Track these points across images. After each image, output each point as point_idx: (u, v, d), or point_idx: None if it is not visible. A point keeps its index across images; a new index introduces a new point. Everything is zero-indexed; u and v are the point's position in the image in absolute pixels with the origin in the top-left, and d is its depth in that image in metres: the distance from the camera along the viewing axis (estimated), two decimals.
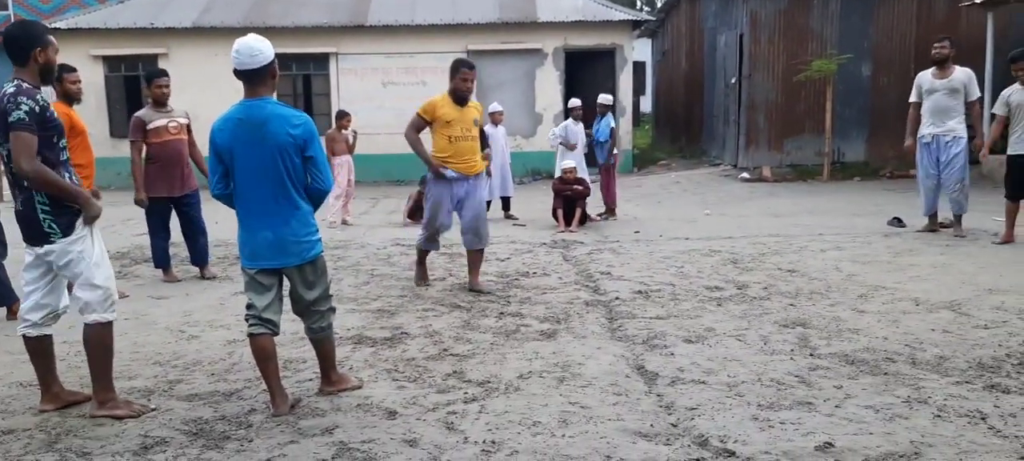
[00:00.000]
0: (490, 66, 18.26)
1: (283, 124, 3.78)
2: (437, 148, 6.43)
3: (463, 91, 6.30)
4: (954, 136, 8.39)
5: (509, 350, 4.84)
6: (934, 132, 8.48)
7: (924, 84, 8.58)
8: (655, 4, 37.10)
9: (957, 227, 8.62)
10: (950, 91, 8.35)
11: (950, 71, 8.40)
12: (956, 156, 8.39)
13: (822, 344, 4.81)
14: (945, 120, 8.41)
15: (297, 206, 3.87)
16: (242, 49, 3.78)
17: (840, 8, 16.48)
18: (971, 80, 8.36)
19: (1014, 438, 3.38)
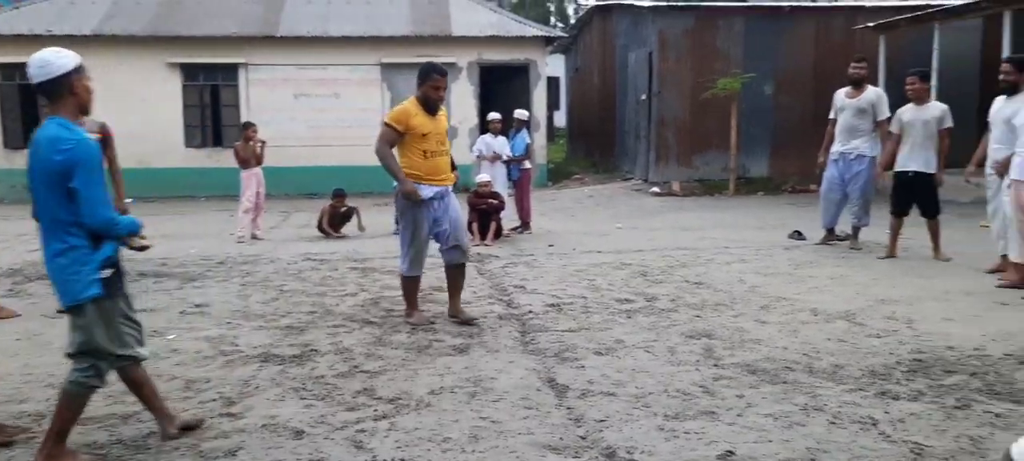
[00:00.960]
0: (405, 80, 18.18)
1: (49, 149, 3.31)
2: (410, 165, 5.73)
3: (435, 100, 5.77)
4: (858, 154, 8.73)
5: (421, 366, 4.81)
6: (841, 149, 8.83)
7: (837, 102, 8.97)
8: (568, 20, 37.66)
9: (853, 240, 8.98)
10: (858, 111, 8.71)
11: (861, 91, 8.78)
12: (859, 173, 8.72)
13: (726, 354, 4.95)
14: (851, 138, 8.76)
15: (64, 241, 3.35)
16: (33, 61, 3.40)
17: (744, 29, 17.08)
18: (880, 100, 8.71)
19: (902, 443, 3.55)
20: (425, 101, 5.76)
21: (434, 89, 5.73)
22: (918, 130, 8.07)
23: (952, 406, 3.98)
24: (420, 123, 5.69)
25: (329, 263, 8.70)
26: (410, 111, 5.73)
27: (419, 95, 5.78)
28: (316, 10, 18.78)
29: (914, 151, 8.13)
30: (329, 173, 16.98)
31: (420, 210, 5.75)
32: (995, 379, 4.39)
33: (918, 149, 8.10)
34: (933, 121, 8.02)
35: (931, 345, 5.08)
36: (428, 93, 5.74)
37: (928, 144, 8.05)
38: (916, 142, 8.11)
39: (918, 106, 8.11)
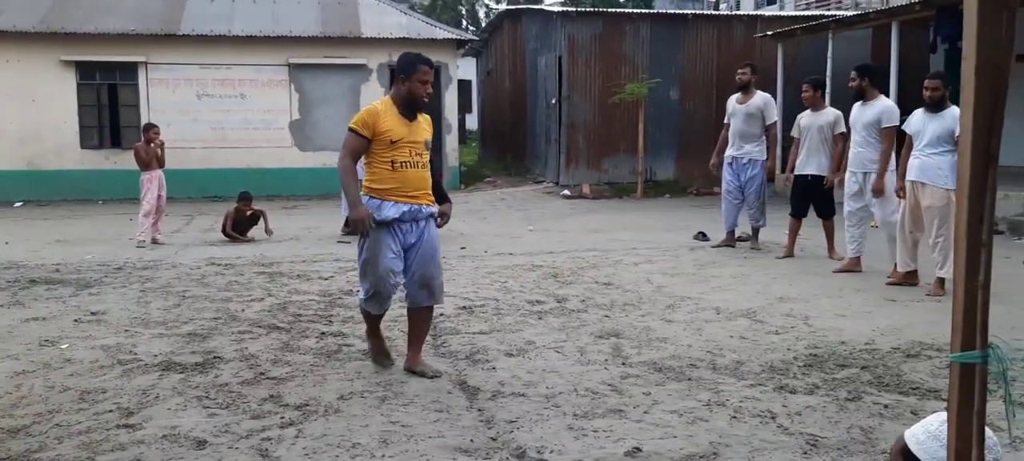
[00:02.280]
0: (313, 81, 17.88)
1: None
2: (374, 178, 4.56)
3: (418, 98, 4.55)
4: (750, 158, 9.05)
5: (330, 371, 4.74)
6: (734, 154, 9.12)
7: (729, 108, 9.25)
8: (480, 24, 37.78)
9: (753, 241, 9.31)
10: (747, 115, 9.01)
11: (750, 96, 9.07)
12: (752, 177, 9.05)
13: (634, 353, 5.05)
14: (743, 143, 9.06)
15: None
16: None
17: (650, 35, 17.48)
18: (768, 105, 9.05)
19: (799, 434, 3.70)
20: (406, 100, 4.55)
21: (422, 84, 4.52)
22: (814, 135, 8.42)
23: (845, 398, 4.17)
24: (390, 127, 4.48)
25: (235, 268, 8.47)
26: (379, 112, 4.52)
27: (397, 93, 4.59)
28: (220, 8, 18.25)
29: (810, 155, 8.47)
30: (234, 176, 16.54)
31: (380, 233, 4.52)
32: (884, 372, 4.62)
33: (814, 153, 8.44)
34: (827, 126, 8.37)
35: (826, 340, 5.31)
36: (413, 90, 4.52)
37: (823, 148, 8.41)
38: (812, 146, 8.45)
39: (813, 112, 8.47)
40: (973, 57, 1.30)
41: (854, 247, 7.75)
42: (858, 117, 7.55)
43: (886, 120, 7.37)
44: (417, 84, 4.52)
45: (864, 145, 7.48)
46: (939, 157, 6.57)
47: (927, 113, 6.74)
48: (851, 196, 7.66)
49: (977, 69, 1.29)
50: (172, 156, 12.61)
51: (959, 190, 1.39)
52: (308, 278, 7.84)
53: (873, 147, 7.43)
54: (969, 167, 1.34)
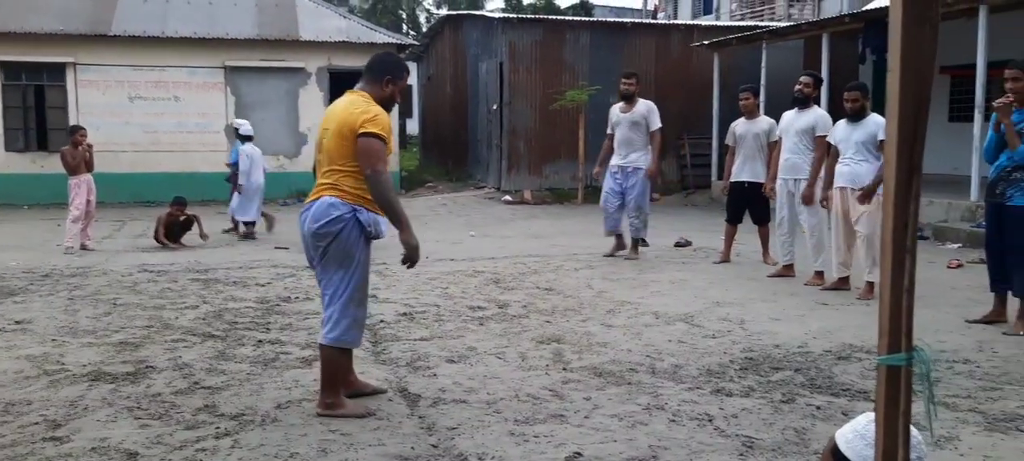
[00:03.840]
0: (250, 84, 17.60)
1: None
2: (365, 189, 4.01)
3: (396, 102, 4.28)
4: (634, 166, 8.91)
5: (267, 379, 4.66)
6: (619, 163, 8.99)
7: (613, 118, 9.11)
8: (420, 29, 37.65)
9: (632, 251, 9.13)
10: (632, 124, 8.88)
11: (634, 105, 8.99)
12: (634, 185, 8.89)
13: (574, 358, 5.09)
14: (629, 151, 8.93)
15: None
16: None
17: (590, 42, 17.66)
18: (652, 112, 8.97)
19: (735, 436, 3.78)
20: (388, 104, 4.14)
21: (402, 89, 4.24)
22: (749, 142, 8.58)
23: (779, 400, 4.26)
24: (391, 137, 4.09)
25: (168, 274, 8.27)
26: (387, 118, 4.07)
27: (380, 95, 4.11)
28: (153, 9, 17.82)
29: (746, 162, 8.62)
30: (167, 180, 16.16)
31: (369, 252, 4.11)
32: (816, 374, 4.74)
33: (750, 160, 8.60)
34: (762, 134, 8.55)
35: (761, 344, 5.43)
36: (395, 95, 4.19)
37: (758, 156, 8.58)
38: (747, 154, 8.60)
39: (748, 120, 8.63)
40: (897, 69, 1.35)
41: (786, 254, 7.93)
42: (791, 124, 7.70)
43: (821, 128, 7.53)
44: (400, 90, 4.21)
45: (795, 152, 7.64)
46: (865, 164, 6.78)
47: (849, 123, 6.92)
48: (781, 204, 7.84)
49: (901, 80, 1.34)
50: (102, 159, 12.26)
51: (885, 197, 1.43)
52: (244, 284, 7.70)
53: (804, 155, 7.60)
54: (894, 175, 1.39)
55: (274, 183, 17.32)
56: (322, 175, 4.06)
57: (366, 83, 4.13)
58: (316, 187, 4.08)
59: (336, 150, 3.96)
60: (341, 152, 3.94)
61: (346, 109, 4.00)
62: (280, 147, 17.83)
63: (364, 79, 4.16)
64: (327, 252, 3.96)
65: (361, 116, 3.91)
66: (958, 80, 15.04)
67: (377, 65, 4.18)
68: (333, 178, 3.97)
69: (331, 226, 3.92)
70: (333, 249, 3.95)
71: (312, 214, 3.99)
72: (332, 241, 3.93)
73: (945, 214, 11.26)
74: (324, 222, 3.92)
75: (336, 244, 3.94)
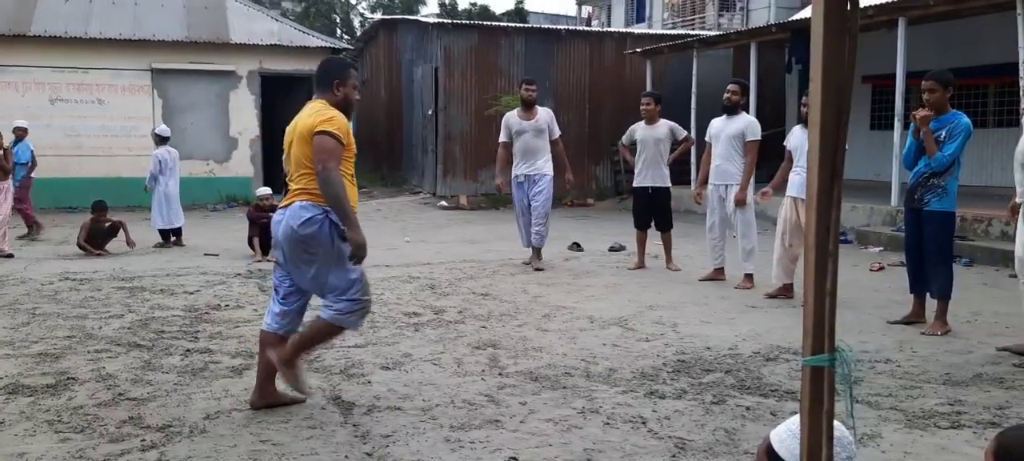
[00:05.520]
0: (178, 87, 17.17)
1: None
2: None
3: (354, 104, 4.28)
4: (540, 174, 8.78)
5: (196, 390, 4.54)
6: (525, 172, 8.80)
7: (514, 126, 8.85)
8: (354, 33, 37.29)
9: (536, 259, 8.94)
10: (536, 131, 8.75)
11: (535, 113, 8.82)
12: (540, 192, 8.73)
13: (510, 363, 5.09)
14: (533, 159, 8.77)
15: None
16: None
17: (524, 48, 17.75)
18: (553, 120, 8.99)
19: (668, 438, 3.83)
20: (345, 107, 4.16)
21: (355, 89, 4.25)
22: (650, 148, 8.62)
23: (710, 402, 4.34)
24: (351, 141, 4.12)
25: (91, 283, 7.99)
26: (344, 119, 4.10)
27: (333, 99, 4.14)
28: (76, 8, 17.23)
29: (647, 168, 8.66)
30: (90, 185, 15.57)
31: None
32: (746, 375, 4.85)
33: (651, 166, 8.63)
34: (663, 139, 8.62)
35: (692, 346, 5.53)
36: (350, 96, 4.20)
37: (660, 161, 8.63)
38: (648, 159, 8.63)
39: (649, 125, 8.66)
40: (818, 79, 1.40)
41: (717, 257, 8.08)
42: (721, 130, 7.81)
43: (751, 134, 7.69)
44: (352, 89, 4.21)
45: (726, 158, 7.76)
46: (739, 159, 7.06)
47: (805, 129, 7.01)
48: (713, 209, 7.98)
49: (823, 89, 1.38)
50: None
51: (808, 203, 1.48)
52: (172, 293, 7.50)
53: (735, 161, 7.75)
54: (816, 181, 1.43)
55: (204, 188, 16.98)
56: (292, 181, 4.15)
57: (320, 93, 4.23)
58: (288, 194, 4.16)
59: (302, 155, 4.05)
60: (306, 156, 4.02)
61: (307, 116, 4.10)
62: (210, 152, 17.45)
63: (317, 91, 4.26)
64: (317, 258, 4.04)
65: (318, 118, 4.02)
66: (879, 89, 15.58)
67: (323, 74, 4.26)
68: (302, 183, 4.07)
69: (307, 227, 4.00)
70: (321, 253, 4.03)
71: (286, 220, 4.06)
72: (315, 245, 4.02)
73: (867, 219, 11.64)
74: (298, 225, 4.00)
75: (320, 246, 4.02)
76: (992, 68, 13.02)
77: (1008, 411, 4.17)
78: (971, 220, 10.08)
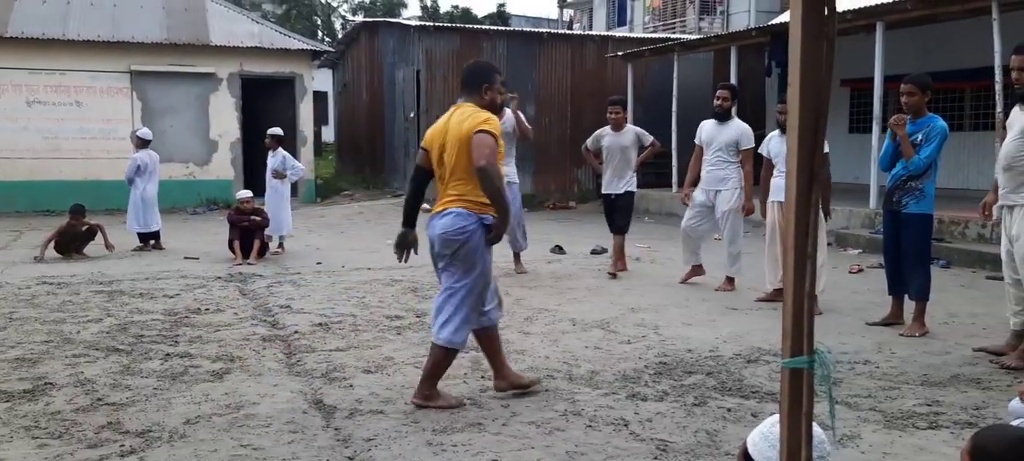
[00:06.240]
0: (158, 89, 17.04)
1: None
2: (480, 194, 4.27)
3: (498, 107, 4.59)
4: (510, 181, 8.44)
5: (175, 394, 4.51)
6: None
7: None
8: (336, 35, 37.18)
9: (517, 265, 8.83)
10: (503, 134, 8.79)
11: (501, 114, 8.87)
12: (514, 198, 8.25)
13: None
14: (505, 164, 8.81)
15: None
16: None
17: (507, 52, 17.76)
18: (520, 118, 8.83)
19: (650, 440, 3.85)
20: (491, 109, 4.40)
21: (499, 92, 4.50)
22: (617, 155, 8.57)
23: (692, 404, 4.37)
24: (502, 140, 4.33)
25: (69, 287, 7.91)
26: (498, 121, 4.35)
27: (482, 102, 4.37)
28: (53, 10, 17.06)
29: (614, 176, 8.61)
30: (68, 188, 15.43)
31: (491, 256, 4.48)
32: (727, 377, 4.87)
33: (618, 173, 8.59)
34: (630, 147, 8.56)
35: (674, 349, 5.55)
36: (495, 99, 4.46)
37: (626, 168, 8.58)
38: (616, 167, 8.57)
39: (616, 132, 8.58)
40: (797, 83, 1.41)
41: (693, 258, 8.04)
42: (713, 137, 7.73)
43: (745, 142, 7.65)
44: (498, 92, 4.48)
45: (718, 165, 7.68)
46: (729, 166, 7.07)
47: (783, 136, 6.99)
48: (698, 213, 7.91)
49: (801, 93, 1.40)
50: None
51: (787, 206, 1.49)
52: (152, 296, 7.44)
53: (727, 168, 7.67)
54: (795, 184, 1.44)
55: (184, 191, 16.85)
56: (447, 187, 4.32)
57: (467, 96, 4.41)
58: (443, 199, 4.35)
59: (457, 162, 4.24)
60: (461, 163, 4.21)
61: (458, 122, 4.27)
62: (190, 154, 17.33)
63: (464, 93, 4.44)
64: (455, 256, 4.28)
65: (474, 120, 4.20)
66: (857, 92, 15.73)
67: (472, 77, 4.47)
68: (458, 190, 4.27)
69: (459, 235, 4.23)
70: (460, 254, 4.26)
71: (441, 223, 4.28)
72: (460, 247, 4.25)
73: (846, 221, 11.74)
74: (452, 231, 4.24)
75: (463, 250, 4.26)
76: (969, 72, 13.17)
77: (984, 411, 4.22)
78: (948, 222, 10.19)
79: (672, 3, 25.57)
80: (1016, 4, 10.54)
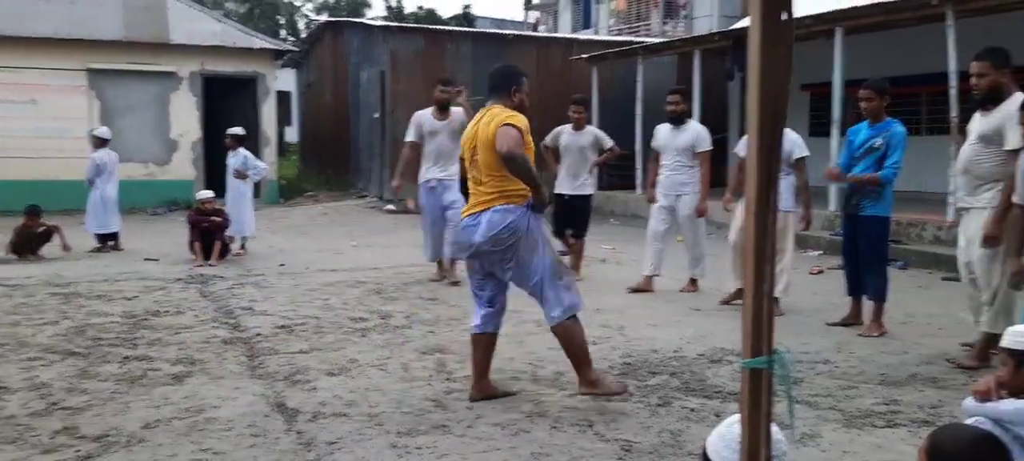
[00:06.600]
0: (117, 88, 16.74)
1: None
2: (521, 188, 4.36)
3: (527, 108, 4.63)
4: (455, 180, 8.17)
5: (133, 398, 4.43)
6: (439, 176, 8.19)
7: (426, 125, 8.28)
8: (299, 35, 36.86)
9: (450, 272, 8.33)
10: (451, 133, 8.09)
11: (450, 114, 8.23)
12: (456, 200, 7.95)
13: (458, 368, 5.08)
14: (448, 163, 8.17)
15: None
16: None
17: (472, 53, 17.74)
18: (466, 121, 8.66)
19: (614, 441, 3.87)
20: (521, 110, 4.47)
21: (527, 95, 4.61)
22: (574, 155, 8.43)
23: (656, 404, 4.40)
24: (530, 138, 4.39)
25: (24, 289, 7.74)
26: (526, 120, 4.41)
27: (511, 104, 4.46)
28: (7, 6, 16.65)
29: (569, 174, 8.47)
30: (23, 188, 15.06)
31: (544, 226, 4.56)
32: (690, 377, 4.92)
33: (573, 173, 8.45)
34: (587, 147, 8.47)
35: (639, 349, 5.59)
36: (524, 101, 4.55)
37: (582, 168, 8.46)
38: (571, 165, 8.43)
39: (575, 131, 8.46)
40: (755, 87, 1.43)
41: (653, 266, 7.89)
42: (669, 142, 7.73)
43: (702, 145, 7.67)
44: (526, 95, 4.57)
45: (677, 169, 7.69)
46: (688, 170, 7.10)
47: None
48: (663, 216, 7.89)
49: (760, 97, 1.42)
50: None
51: (747, 208, 1.51)
52: (110, 298, 7.31)
53: (685, 171, 7.69)
54: (754, 186, 1.46)
55: (143, 191, 16.56)
56: (481, 187, 4.35)
57: (496, 98, 4.47)
58: (476, 201, 4.37)
59: (490, 161, 4.27)
60: (494, 162, 4.24)
61: (487, 123, 4.33)
62: (150, 154, 17.05)
63: (493, 97, 4.50)
64: (517, 250, 4.26)
65: (500, 118, 4.26)
66: (817, 97, 15.95)
67: (501, 80, 4.55)
68: (495, 187, 4.29)
69: (510, 229, 4.24)
70: (522, 245, 4.26)
71: (484, 227, 4.26)
72: (519, 240, 4.25)
73: None
74: (501, 229, 4.24)
75: (524, 240, 4.26)
76: (926, 77, 13.43)
77: (941, 410, 4.31)
78: (905, 224, 10.39)
79: (637, 6, 25.74)
80: (970, 12, 10.78)
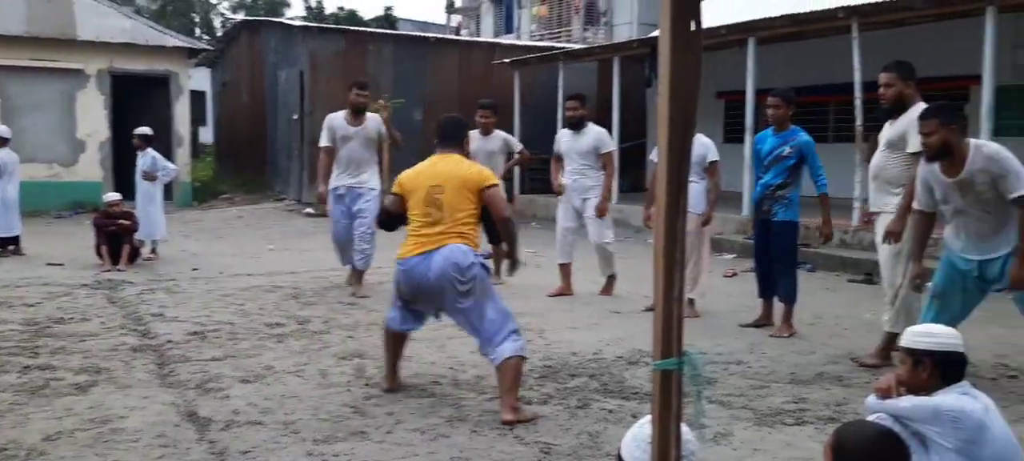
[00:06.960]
0: (19, 85, 16.01)
1: None
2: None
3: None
4: (366, 187, 7.92)
5: (34, 409, 4.24)
6: (349, 182, 7.89)
7: (339, 130, 7.96)
8: (215, 33, 35.93)
9: (357, 284, 7.99)
10: (366, 139, 7.95)
11: (364, 119, 7.98)
12: (367, 208, 7.76)
13: (377, 373, 5.03)
14: (359, 170, 7.94)
15: None
16: None
17: (393, 55, 17.63)
18: (381, 127, 8.27)
19: (534, 444, 3.89)
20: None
21: None
22: (482, 160, 8.04)
23: (575, 406, 4.44)
24: None
25: None
26: None
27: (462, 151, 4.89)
28: None
29: None
30: None
31: None
32: (609, 379, 4.98)
33: None
34: (496, 152, 8.51)
35: (559, 352, 5.63)
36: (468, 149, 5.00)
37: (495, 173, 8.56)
38: None
39: (483, 136, 8.45)
40: (666, 93, 1.46)
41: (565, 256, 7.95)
42: (571, 147, 7.77)
43: (604, 147, 7.77)
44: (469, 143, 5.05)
45: (581, 173, 7.74)
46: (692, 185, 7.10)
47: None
48: (567, 215, 7.90)
49: (670, 104, 1.45)
50: None
51: (657, 212, 1.54)
52: (10, 305, 6.97)
53: (590, 175, 7.74)
54: (664, 191, 1.49)
55: (47, 193, 15.86)
56: (443, 225, 4.47)
57: (451, 147, 4.76)
58: (433, 236, 4.46)
59: (459, 203, 4.48)
60: (464, 205, 4.48)
61: (456, 169, 4.59)
62: (55, 155, 16.36)
63: (446, 145, 4.76)
64: (472, 292, 4.41)
65: (478, 174, 4.63)
66: (731, 104, 16.39)
67: (455, 131, 4.87)
68: (459, 229, 4.47)
69: (471, 271, 4.40)
70: (477, 287, 4.41)
71: (444, 262, 4.37)
72: (475, 283, 4.41)
73: (721, 227, 12.19)
74: (466, 265, 4.38)
75: (478, 283, 4.42)
76: (833, 87, 13.95)
77: (846, 407, 4.48)
78: (813, 229, 10.75)
79: (558, 12, 26.00)
80: (873, 25, 11.26)
